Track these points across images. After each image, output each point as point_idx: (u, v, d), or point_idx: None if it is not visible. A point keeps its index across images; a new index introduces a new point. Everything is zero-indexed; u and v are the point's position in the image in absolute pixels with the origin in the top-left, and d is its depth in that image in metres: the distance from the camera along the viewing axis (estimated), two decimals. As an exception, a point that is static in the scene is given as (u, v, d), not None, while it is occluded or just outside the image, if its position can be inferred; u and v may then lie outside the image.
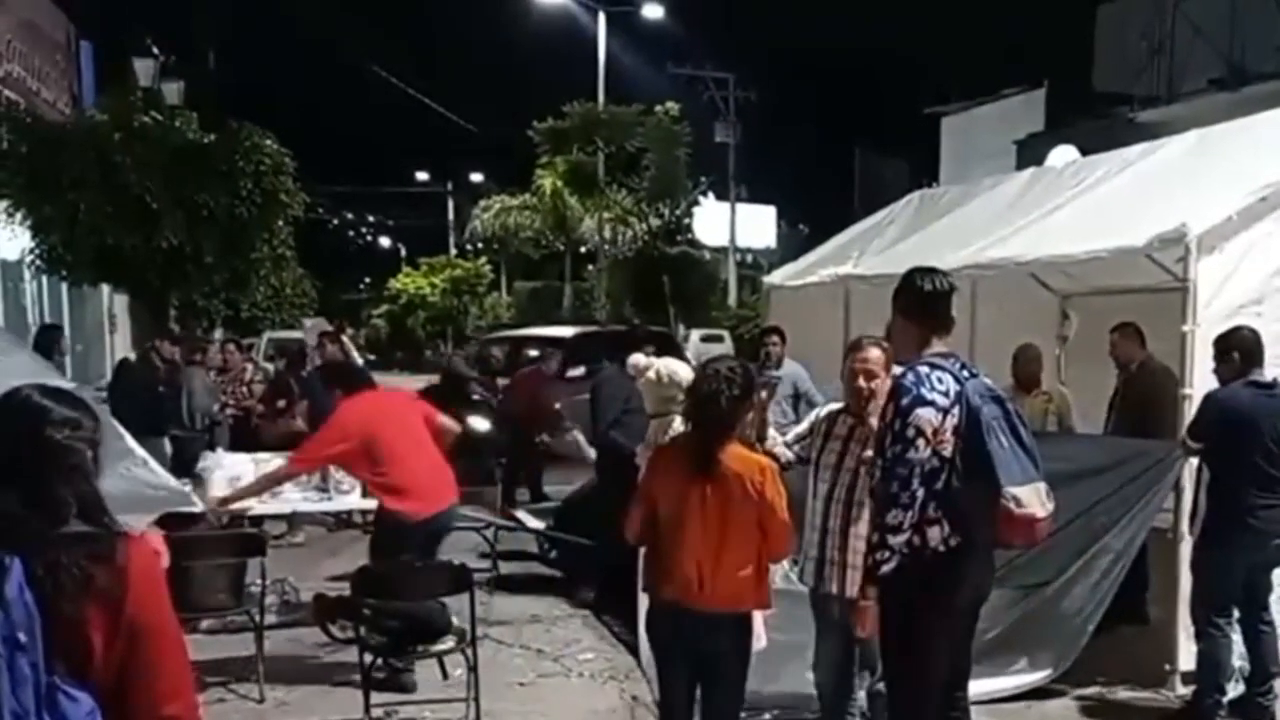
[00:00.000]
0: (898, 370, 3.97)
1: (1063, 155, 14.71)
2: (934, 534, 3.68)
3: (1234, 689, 5.49)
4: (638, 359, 6.74)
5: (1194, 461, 5.62)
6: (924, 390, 3.67)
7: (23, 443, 2.10)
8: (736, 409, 4.00)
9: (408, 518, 5.84)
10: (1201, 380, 5.77)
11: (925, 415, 3.64)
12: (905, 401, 3.68)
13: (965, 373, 3.77)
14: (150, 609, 2.10)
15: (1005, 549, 3.95)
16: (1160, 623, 5.85)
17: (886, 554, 3.67)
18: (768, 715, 5.31)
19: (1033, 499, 3.64)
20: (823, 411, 4.91)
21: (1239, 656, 5.50)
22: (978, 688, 4.49)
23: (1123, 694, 5.78)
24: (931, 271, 3.97)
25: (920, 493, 3.64)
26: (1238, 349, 5.39)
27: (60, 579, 1.99)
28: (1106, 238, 6.40)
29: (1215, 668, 5.39)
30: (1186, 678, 5.77)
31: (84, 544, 2.05)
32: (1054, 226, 7.38)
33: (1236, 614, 5.40)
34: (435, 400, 13.73)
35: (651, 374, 6.20)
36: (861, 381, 4.51)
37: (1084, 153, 10.73)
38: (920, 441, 3.63)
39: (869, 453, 4.39)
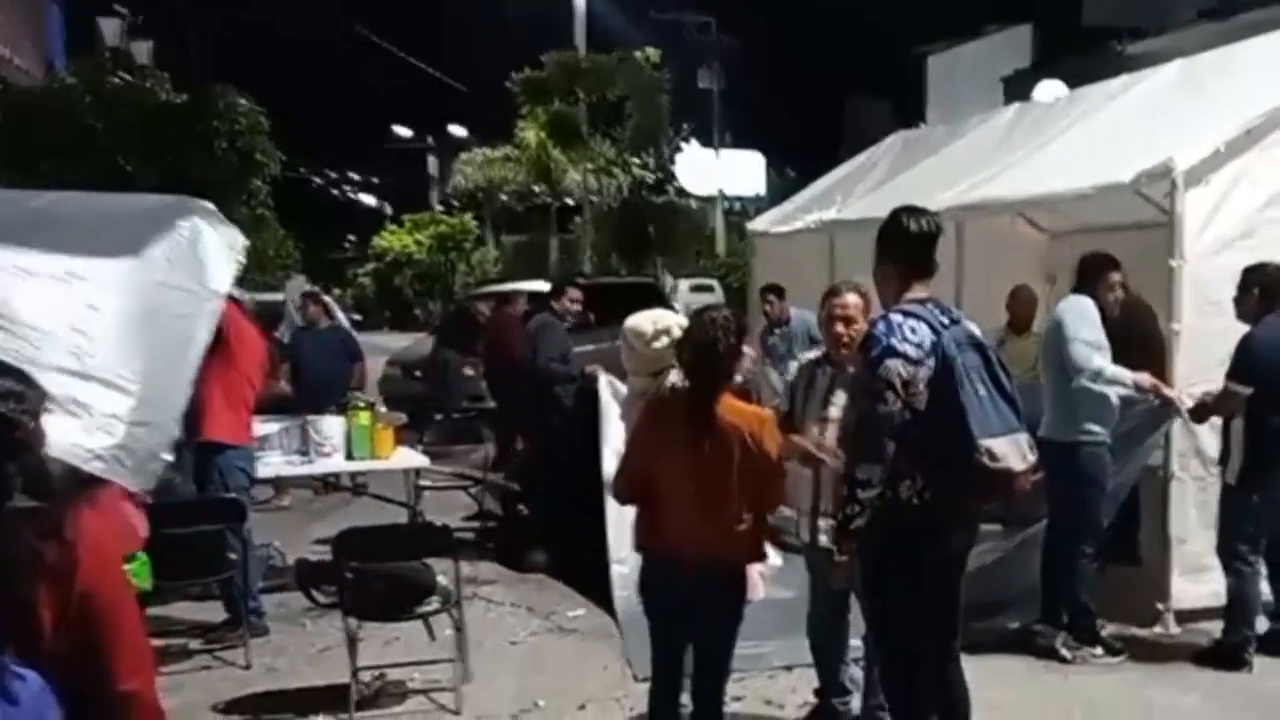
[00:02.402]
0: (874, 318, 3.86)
1: (1050, 90, 14.55)
2: (905, 488, 3.57)
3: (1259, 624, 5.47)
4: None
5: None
6: (894, 340, 3.53)
7: None
8: (732, 358, 3.90)
9: None
10: (1191, 315, 5.70)
11: (895, 366, 3.51)
12: (875, 352, 3.55)
13: (944, 319, 3.63)
14: (103, 584, 2.05)
15: (983, 502, 3.82)
16: (1152, 562, 5.82)
17: (857, 508, 3.57)
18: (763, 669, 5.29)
19: (1010, 451, 3.50)
20: (802, 360, 4.82)
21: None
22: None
23: (1121, 632, 5.73)
24: (919, 211, 3.79)
25: (891, 447, 3.52)
26: (1259, 284, 5.30)
27: (8, 557, 1.92)
28: (1093, 174, 6.31)
29: (1246, 604, 5.36)
30: (1180, 616, 5.78)
31: (31, 520, 1.97)
32: (1041, 164, 7.29)
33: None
34: (447, 337, 13.74)
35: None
36: (840, 328, 4.40)
37: (1073, 87, 10.59)
38: (890, 394, 3.50)
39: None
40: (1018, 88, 18.35)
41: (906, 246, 3.71)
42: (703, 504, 3.82)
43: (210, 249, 3.42)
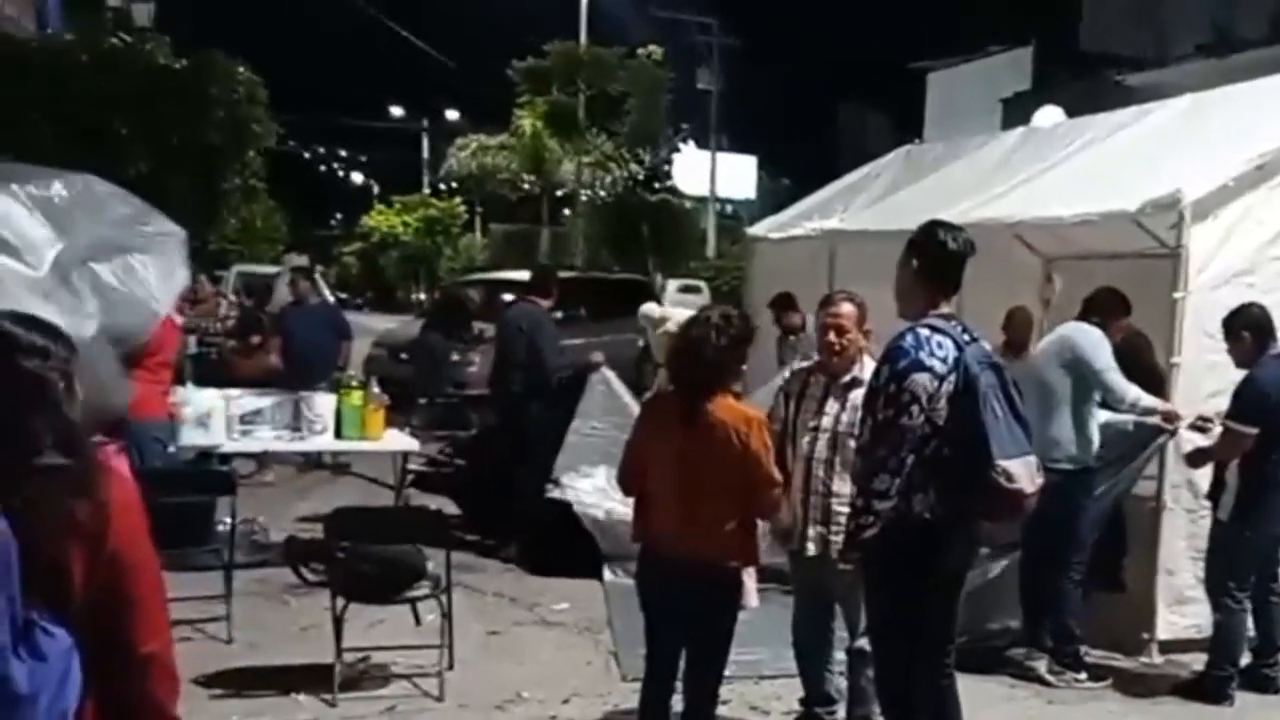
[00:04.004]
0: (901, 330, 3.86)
1: (1049, 115, 14.65)
2: (919, 501, 3.58)
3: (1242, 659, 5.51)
4: (651, 309, 6.60)
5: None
6: (923, 355, 3.55)
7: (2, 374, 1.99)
8: (724, 358, 3.89)
9: None
10: (1190, 350, 5.74)
11: (921, 381, 3.53)
12: (902, 365, 3.57)
13: (966, 337, 3.65)
14: (132, 544, 2.05)
15: (991, 521, 3.83)
16: (1138, 591, 5.85)
17: (870, 519, 3.58)
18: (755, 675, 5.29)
19: (1023, 474, 3.51)
20: (793, 369, 4.84)
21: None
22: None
23: (1104, 660, 5.76)
24: (955, 228, 3.81)
25: (909, 459, 3.54)
26: (1246, 327, 5.33)
27: (39, 514, 1.90)
28: (1097, 201, 6.34)
29: (1232, 639, 5.39)
30: (1164, 646, 5.81)
31: (62, 477, 1.95)
32: (1043, 188, 7.31)
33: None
34: (435, 321, 13.77)
35: (671, 325, 6.05)
36: (833, 337, 4.42)
37: (1069, 113, 10.66)
38: (914, 408, 3.52)
39: (847, 415, 4.33)
40: (1017, 110, 18.45)
41: (941, 263, 3.73)
42: (685, 500, 3.84)
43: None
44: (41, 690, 1.86)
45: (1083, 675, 5.52)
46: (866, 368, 4.35)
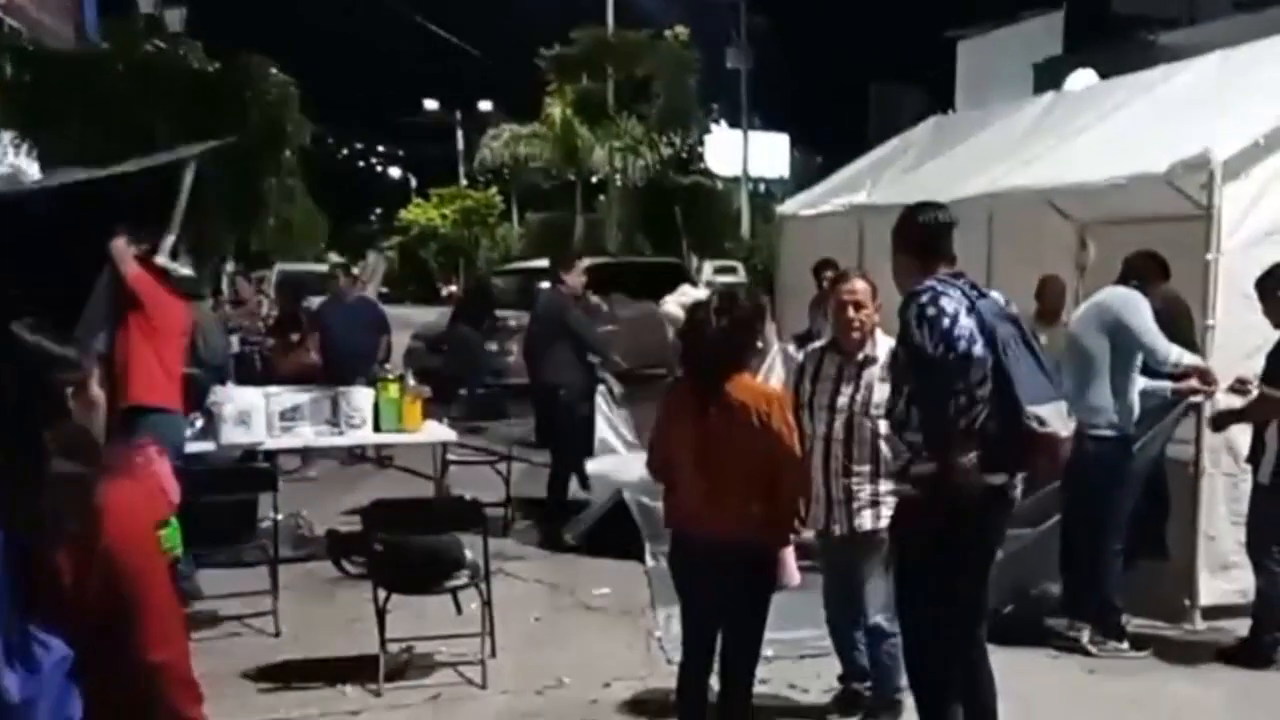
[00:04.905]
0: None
1: (1081, 79, 14.44)
2: (963, 461, 3.54)
3: None
4: (672, 309, 6.65)
5: None
6: (941, 299, 3.55)
7: (20, 386, 2.02)
8: (728, 340, 3.87)
9: None
10: (1225, 311, 5.67)
11: (964, 321, 3.50)
12: (932, 311, 3.53)
13: (975, 292, 3.66)
14: (130, 552, 2.00)
15: (1030, 471, 3.83)
16: (1180, 558, 5.80)
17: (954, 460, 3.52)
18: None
19: (1055, 418, 3.52)
20: (810, 347, 4.84)
21: None
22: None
23: (1146, 628, 5.72)
24: (931, 206, 3.90)
25: (978, 394, 3.48)
26: None
27: (38, 525, 1.92)
28: (1127, 164, 6.27)
29: (1274, 604, 5.34)
30: (1207, 613, 5.76)
31: (64, 487, 1.96)
32: (1073, 153, 7.24)
33: None
34: (462, 313, 13.98)
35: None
36: (851, 313, 4.41)
37: (1103, 76, 10.51)
38: (976, 347, 3.47)
39: (861, 394, 4.34)
40: (1049, 75, 18.19)
41: (922, 238, 3.79)
42: (710, 482, 3.85)
43: None
44: (38, 699, 1.86)
45: (1125, 644, 5.49)
46: (879, 345, 4.37)
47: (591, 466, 7.87)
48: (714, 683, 4.12)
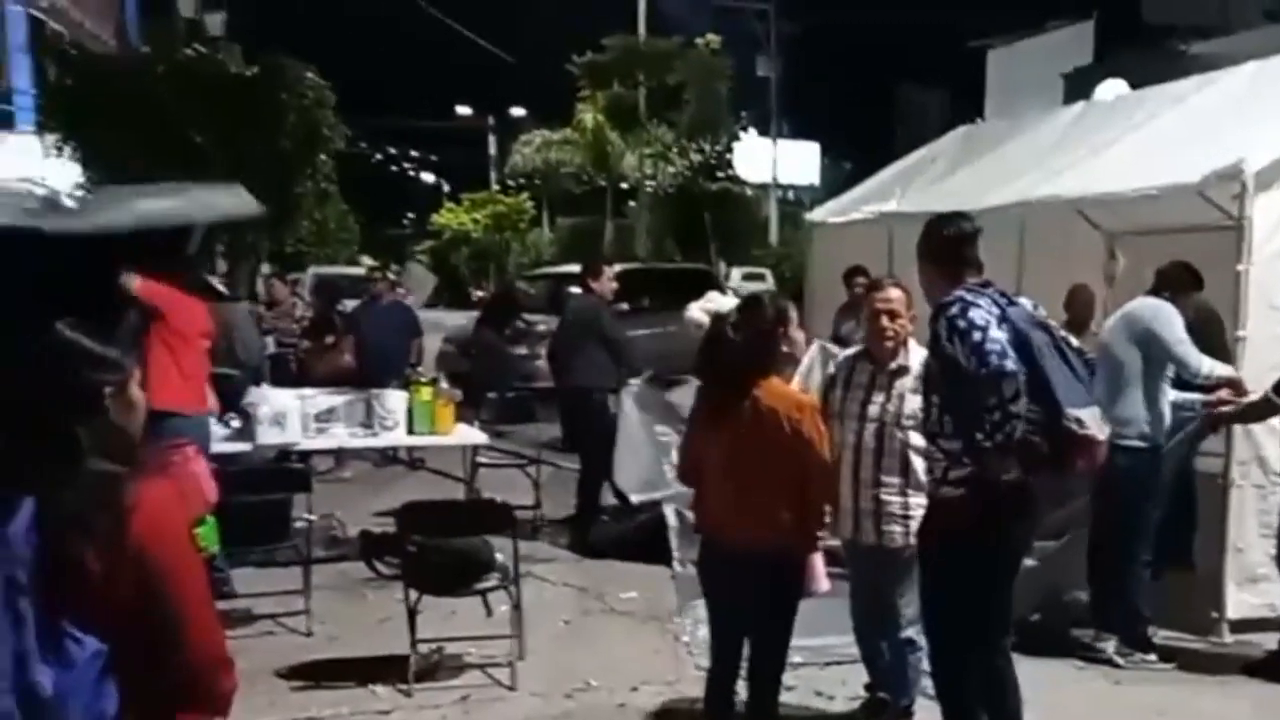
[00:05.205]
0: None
1: (1112, 89, 14.31)
2: (999, 466, 3.57)
3: None
4: (696, 314, 6.69)
5: None
6: (975, 314, 3.57)
7: (59, 385, 2.06)
8: (746, 349, 3.92)
9: None
10: (1257, 322, 5.66)
11: (995, 335, 3.52)
12: (963, 324, 3.54)
13: (1005, 300, 3.69)
14: (162, 552, 2.00)
15: (1068, 475, 3.83)
16: (1208, 570, 5.78)
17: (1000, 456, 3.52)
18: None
19: (1092, 421, 3.55)
20: (841, 356, 4.86)
21: None
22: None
23: (1173, 640, 5.71)
24: (955, 216, 3.96)
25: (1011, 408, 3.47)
26: None
27: (69, 522, 1.95)
28: (1158, 175, 6.27)
29: None
30: (1235, 626, 5.73)
31: (96, 485, 1.95)
32: (1104, 163, 7.24)
33: None
34: (487, 317, 14.06)
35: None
36: (885, 322, 4.38)
37: (1134, 86, 10.46)
38: (1008, 362, 3.47)
39: (893, 405, 4.35)
40: (1079, 85, 18.09)
41: (947, 248, 3.84)
42: (739, 489, 3.89)
43: None
44: (70, 696, 1.87)
45: (1151, 656, 5.49)
46: (913, 355, 4.36)
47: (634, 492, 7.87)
48: (741, 688, 4.17)
